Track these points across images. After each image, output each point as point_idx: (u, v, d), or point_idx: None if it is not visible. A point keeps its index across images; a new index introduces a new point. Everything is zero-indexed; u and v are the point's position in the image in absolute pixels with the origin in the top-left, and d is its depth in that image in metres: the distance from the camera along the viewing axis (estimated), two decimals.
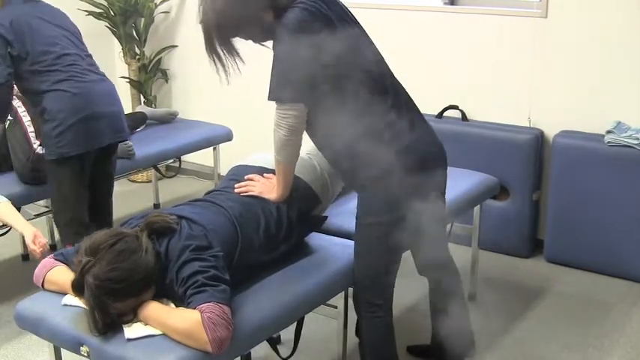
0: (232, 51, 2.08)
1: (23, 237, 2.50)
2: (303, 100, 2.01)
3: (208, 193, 2.29)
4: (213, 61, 2.08)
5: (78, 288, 1.77)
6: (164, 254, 1.85)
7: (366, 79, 2.07)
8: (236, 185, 2.23)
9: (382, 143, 2.07)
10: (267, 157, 2.37)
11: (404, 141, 2.10)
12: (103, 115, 2.82)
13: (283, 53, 1.99)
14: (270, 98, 2.01)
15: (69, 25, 2.94)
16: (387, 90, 2.12)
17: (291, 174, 2.18)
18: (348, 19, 2.11)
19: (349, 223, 2.30)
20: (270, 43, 2.08)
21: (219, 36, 2.04)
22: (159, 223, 1.90)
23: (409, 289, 2.59)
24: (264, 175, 2.28)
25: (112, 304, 1.75)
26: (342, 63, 2.02)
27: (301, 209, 2.24)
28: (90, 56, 2.94)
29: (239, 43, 2.10)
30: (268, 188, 2.21)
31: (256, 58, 2.21)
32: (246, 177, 2.27)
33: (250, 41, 2.12)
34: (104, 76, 2.94)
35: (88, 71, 2.85)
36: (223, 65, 2.09)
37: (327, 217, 2.38)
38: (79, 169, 2.81)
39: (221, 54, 2.07)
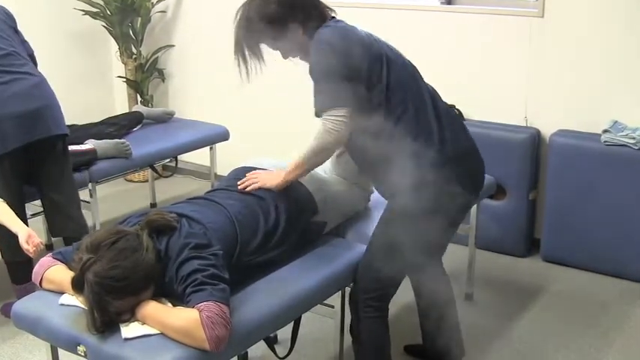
0: (257, 54, 2.19)
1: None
2: (350, 105, 2.03)
3: (209, 192, 2.30)
4: (238, 61, 2.19)
5: (78, 285, 1.76)
6: (164, 252, 1.85)
7: (405, 88, 2.16)
8: (239, 182, 2.25)
9: (414, 156, 2.08)
10: (270, 161, 2.38)
11: (438, 155, 2.11)
12: (12, 117, 2.71)
13: (321, 65, 2.06)
14: (320, 109, 2.05)
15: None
16: (426, 102, 2.19)
17: (304, 173, 2.21)
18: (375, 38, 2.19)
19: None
20: (296, 60, 2.21)
21: (247, 38, 2.16)
22: (159, 221, 1.90)
23: (408, 289, 2.59)
24: (267, 170, 2.30)
25: (111, 302, 1.74)
26: (375, 70, 2.09)
27: (298, 211, 2.24)
28: (11, 54, 2.82)
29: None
30: (271, 176, 2.23)
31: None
32: (247, 174, 2.28)
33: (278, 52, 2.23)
34: (26, 73, 2.82)
35: (1, 72, 2.75)
36: (246, 67, 2.19)
37: (326, 222, 2.38)
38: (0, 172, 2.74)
39: (247, 56, 2.18)
